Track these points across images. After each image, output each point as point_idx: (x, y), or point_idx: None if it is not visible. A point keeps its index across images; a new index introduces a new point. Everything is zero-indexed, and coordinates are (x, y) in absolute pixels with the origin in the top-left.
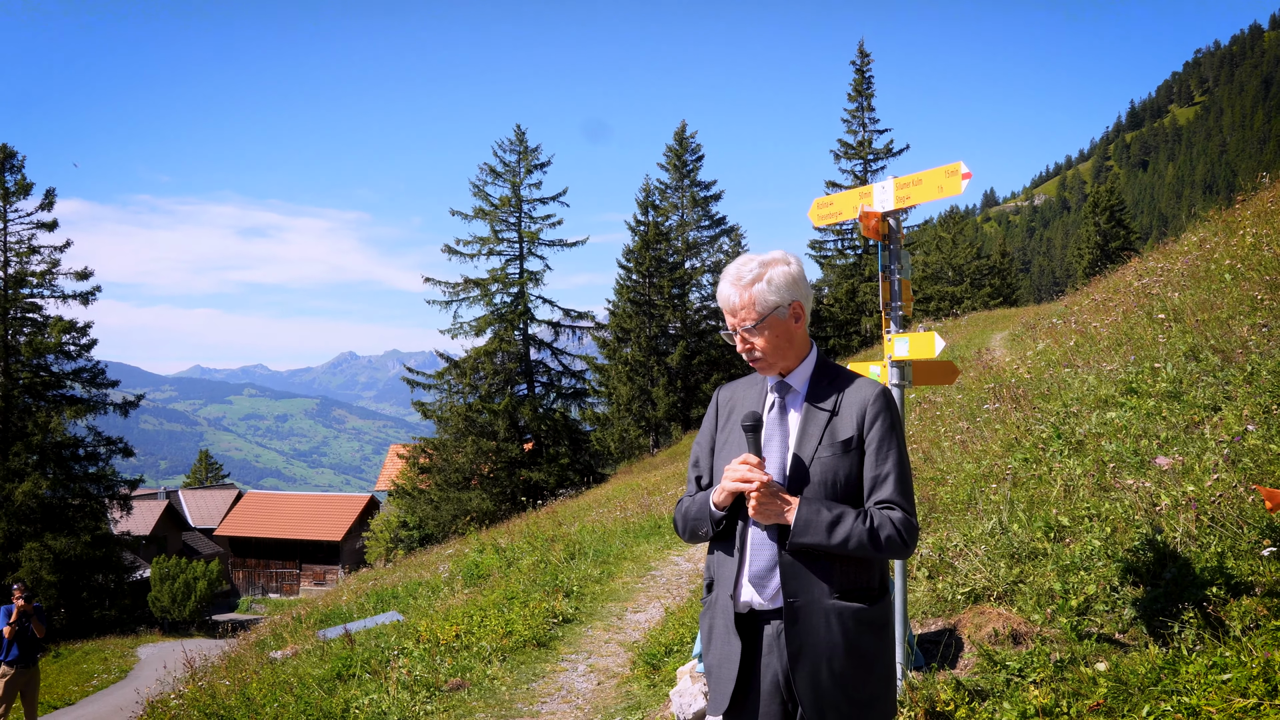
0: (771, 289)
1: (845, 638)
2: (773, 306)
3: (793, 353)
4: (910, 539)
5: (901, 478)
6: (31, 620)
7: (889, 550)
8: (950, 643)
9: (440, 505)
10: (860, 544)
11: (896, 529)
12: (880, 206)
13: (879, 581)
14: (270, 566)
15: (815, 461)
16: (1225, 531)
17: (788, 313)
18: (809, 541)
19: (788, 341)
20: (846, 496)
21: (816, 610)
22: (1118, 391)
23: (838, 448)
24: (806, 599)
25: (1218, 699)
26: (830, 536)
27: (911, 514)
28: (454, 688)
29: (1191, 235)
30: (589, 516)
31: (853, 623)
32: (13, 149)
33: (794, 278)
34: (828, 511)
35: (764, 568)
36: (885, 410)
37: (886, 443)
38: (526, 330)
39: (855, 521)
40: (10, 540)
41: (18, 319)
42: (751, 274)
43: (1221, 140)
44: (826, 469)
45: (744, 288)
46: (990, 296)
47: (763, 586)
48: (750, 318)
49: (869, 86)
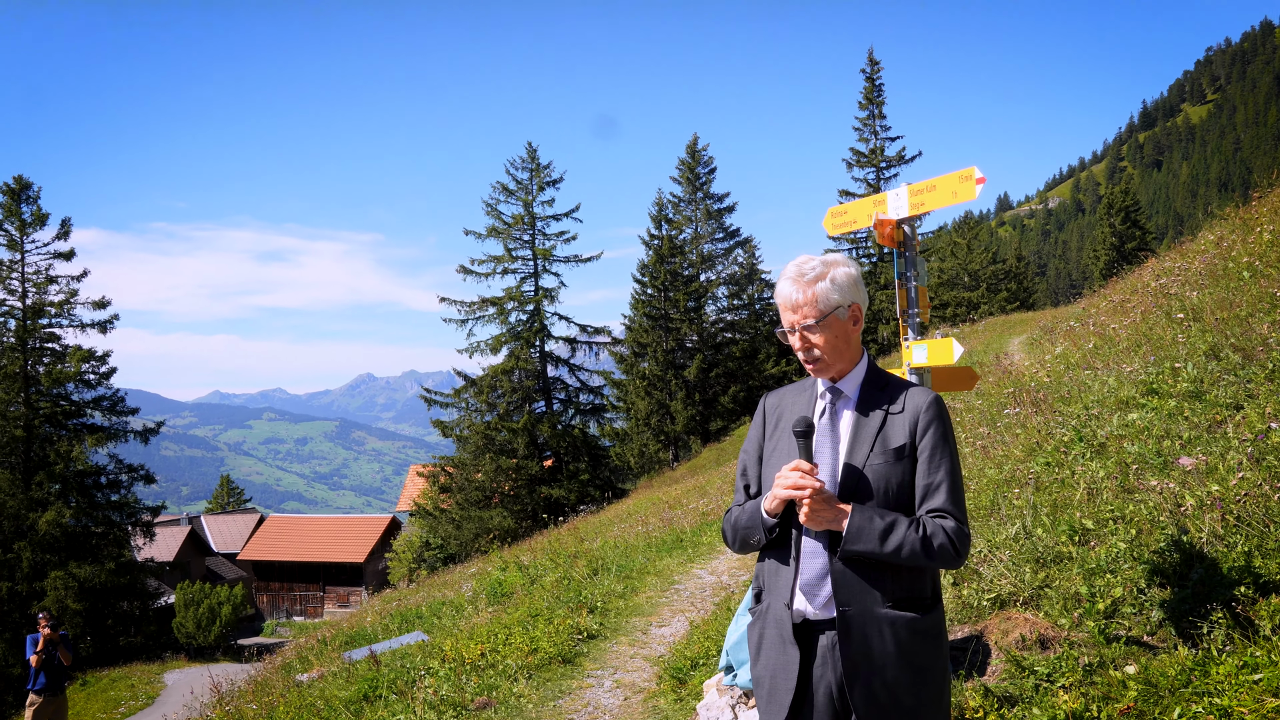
0: (835, 288)
1: (899, 648)
2: (835, 305)
3: (848, 355)
4: (963, 548)
5: (954, 487)
6: (58, 649)
7: (941, 559)
8: (977, 649)
9: (462, 524)
10: (913, 552)
11: (949, 538)
12: (894, 214)
13: (932, 590)
14: (294, 589)
15: (867, 469)
16: (1252, 530)
17: (847, 314)
18: (861, 549)
19: (845, 343)
20: (898, 504)
21: (869, 619)
22: (1138, 392)
23: (890, 455)
24: (859, 608)
25: (1249, 699)
26: (883, 545)
27: (964, 523)
28: (480, 706)
29: (1208, 234)
30: (611, 532)
31: (906, 632)
32: (28, 180)
33: (855, 279)
34: (880, 519)
35: (816, 576)
36: (938, 418)
37: (939, 451)
38: (543, 347)
39: (908, 530)
40: (35, 569)
41: (37, 349)
42: (815, 272)
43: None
44: (878, 476)
45: (807, 285)
46: (1007, 301)
47: (814, 595)
48: (812, 315)
49: (880, 94)
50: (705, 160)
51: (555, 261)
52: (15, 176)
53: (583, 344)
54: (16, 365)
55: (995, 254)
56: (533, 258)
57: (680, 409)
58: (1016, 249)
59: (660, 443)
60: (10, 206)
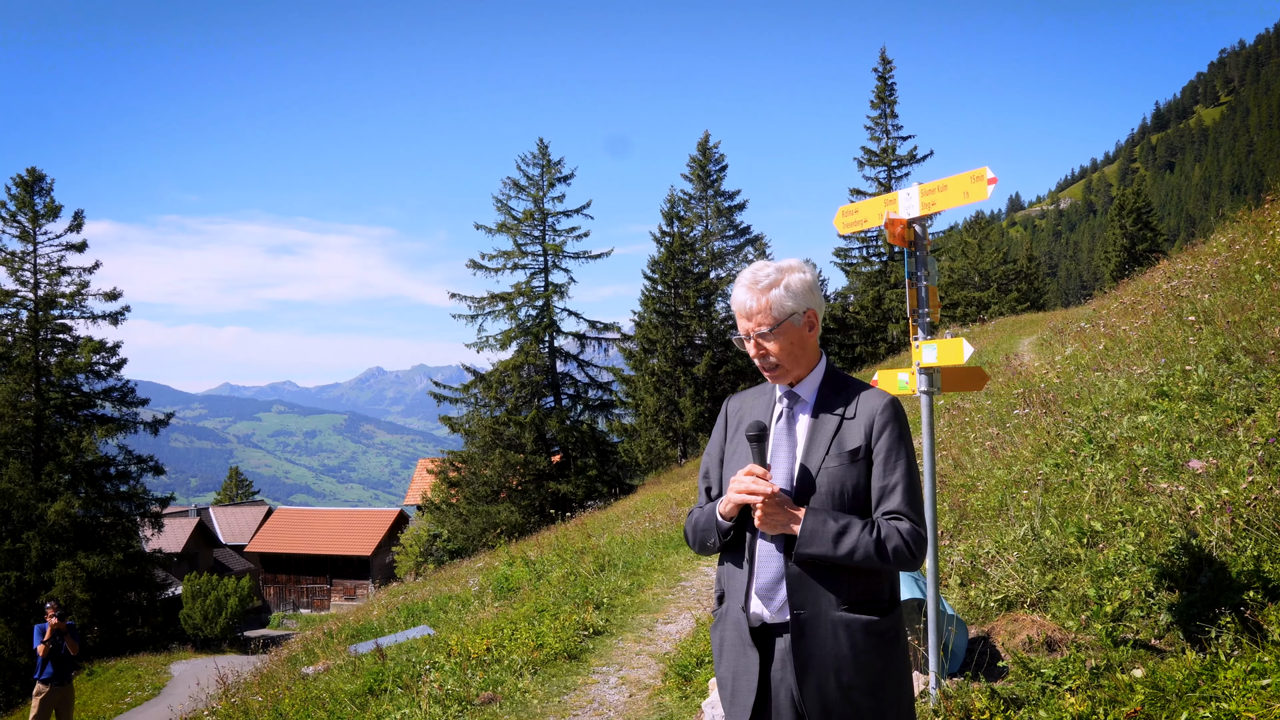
0: (789, 294)
1: (854, 650)
2: (789, 313)
3: (804, 361)
4: (919, 550)
5: (910, 488)
6: (65, 638)
7: (896, 561)
8: (984, 650)
9: (469, 519)
10: (867, 555)
11: (904, 540)
12: (906, 213)
13: (889, 593)
14: (301, 582)
15: (822, 471)
16: (1261, 535)
17: (802, 320)
18: (815, 552)
19: (801, 349)
20: (854, 507)
21: (824, 622)
22: (1149, 395)
23: (845, 457)
24: (814, 610)
25: (1257, 705)
26: (836, 547)
27: (920, 525)
28: (486, 701)
29: (1220, 236)
30: (618, 528)
31: (861, 635)
32: (41, 172)
33: (810, 285)
34: (834, 522)
35: (771, 579)
36: (893, 420)
37: (895, 453)
38: (552, 343)
39: (862, 532)
40: (44, 559)
41: (48, 340)
42: (768, 279)
43: (1249, 140)
44: (834, 479)
45: (760, 292)
46: (1017, 301)
47: (770, 599)
48: (766, 323)
49: (891, 93)
50: (716, 157)
51: (565, 257)
52: (28, 169)
53: (592, 340)
54: (28, 356)
55: (1006, 254)
56: (543, 253)
57: (689, 405)
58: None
59: (668, 439)
60: (23, 198)
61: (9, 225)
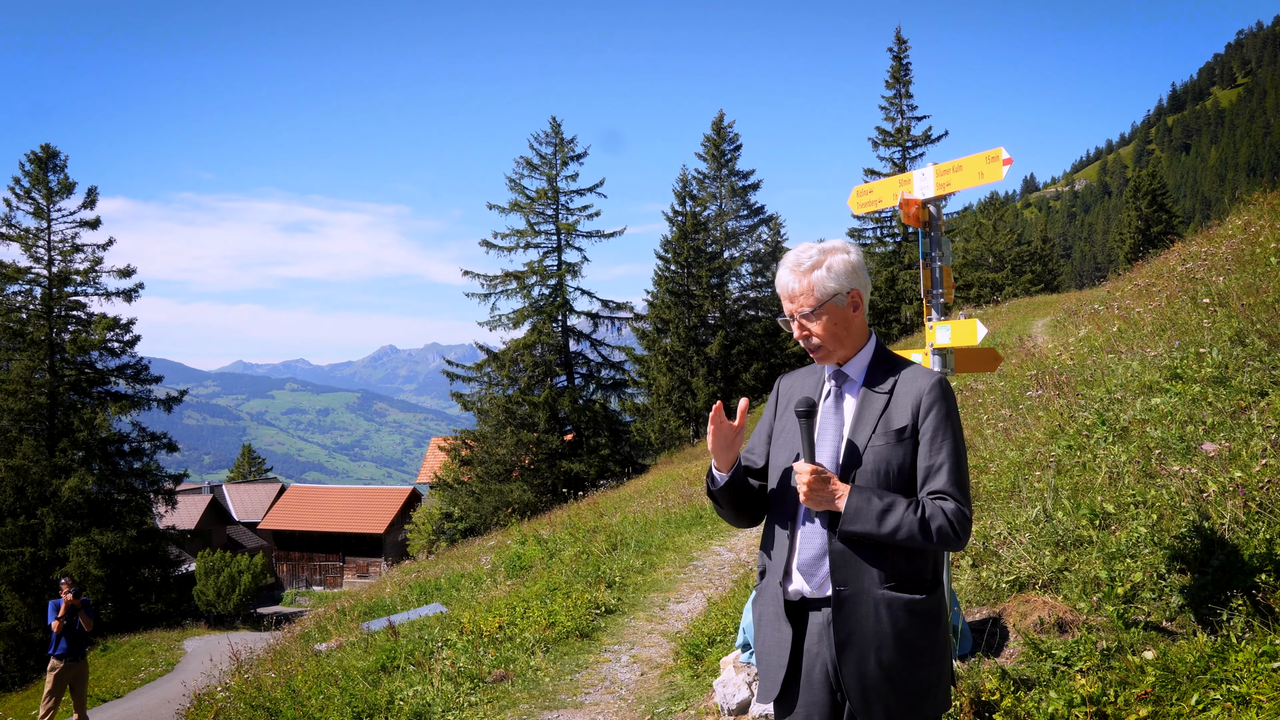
0: (830, 276)
1: (895, 628)
2: (831, 293)
3: (850, 341)
4: (963, 531)
5: (956, 468)
6: (79, 614)
7: (940, 541)
8: (995, 631)
9: (481, 497)
10: (910, 534)
11: (949, 520)
12: (920, 193)
13: (931, 572)
14: (314, 559)
15: (869, 449)
16: (1274, 518)
17: (846, 300)
18: (859, 530)
19: (845, 329)
20: (900, 486)
21: (865, 600)
22: (1162, 377)
23: (891, 436)
24: (855, 588)
25: (1268, 687)
26: (880, 525)
27: (965, 505)
28: (497, 679)
29: (1236, 219)
30: (630, 507)
31: (903, 613)
32: (55, 148)
33: (853, 266)
34: (878, 500)
35: (814, 556)
36: (941, 399)
37: (941, 432)
38: (565, 322)
39: (906, 511)
40: (58, 535)
41: (62, 317)
42: (811, 260)
43: (1265, 122)
44: (880, 457)
45: (803, 274)
46: (1031, 283)
47: (812, 575)
48: (808, 304)
49: (907, 73)
50: (731, 137)
51: (578, 236)
52: (43, 145)
53: (605, 319)
54: (42, 333)
55: (1020, 235)
56: (556, 232)
57: (702, 385)
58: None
59: (681, 419)
60: (37, 175)
61: (23, 202)
